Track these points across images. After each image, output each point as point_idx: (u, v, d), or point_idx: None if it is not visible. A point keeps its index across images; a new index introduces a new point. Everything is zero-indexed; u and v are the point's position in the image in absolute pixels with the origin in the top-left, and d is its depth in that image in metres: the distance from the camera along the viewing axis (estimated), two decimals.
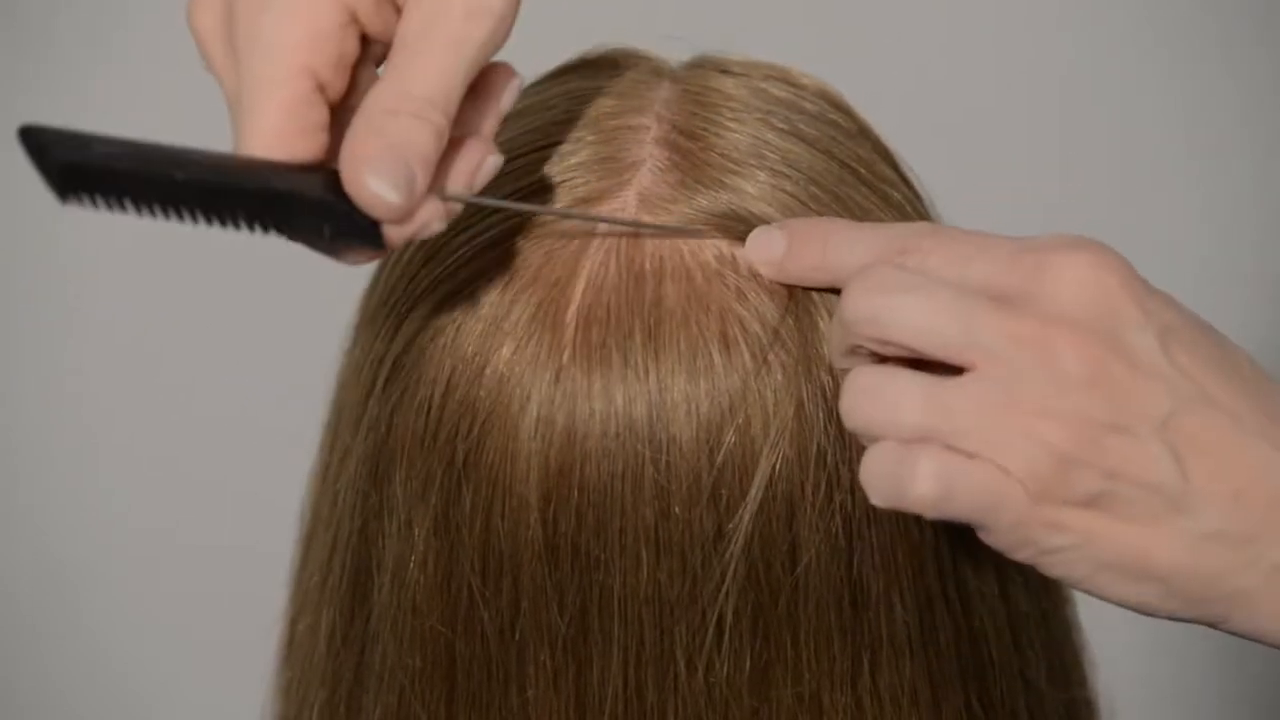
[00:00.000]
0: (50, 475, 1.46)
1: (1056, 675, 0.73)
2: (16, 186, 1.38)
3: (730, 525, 0.65)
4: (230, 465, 1.42)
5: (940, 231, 0.63)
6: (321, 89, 0.63)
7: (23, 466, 1.46)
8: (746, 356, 0.65)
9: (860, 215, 0.68)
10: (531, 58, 0.75)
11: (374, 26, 0.64)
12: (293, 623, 0.76)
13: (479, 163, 0.64)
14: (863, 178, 0.70)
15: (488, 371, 0.66)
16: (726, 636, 0.65)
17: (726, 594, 0.65)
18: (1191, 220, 1.38)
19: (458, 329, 0.67)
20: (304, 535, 0.76)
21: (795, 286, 0.66)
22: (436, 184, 0.63)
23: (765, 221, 0.67)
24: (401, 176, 0.61)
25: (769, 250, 0.65)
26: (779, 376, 0.65)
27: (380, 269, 0.73)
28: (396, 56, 0.62)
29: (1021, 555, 0.61)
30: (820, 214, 0.68)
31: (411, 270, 0.70)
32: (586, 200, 0.68)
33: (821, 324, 0.66)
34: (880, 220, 0.69)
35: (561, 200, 0.68)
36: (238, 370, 1.42)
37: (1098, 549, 0.60)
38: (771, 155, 0.68)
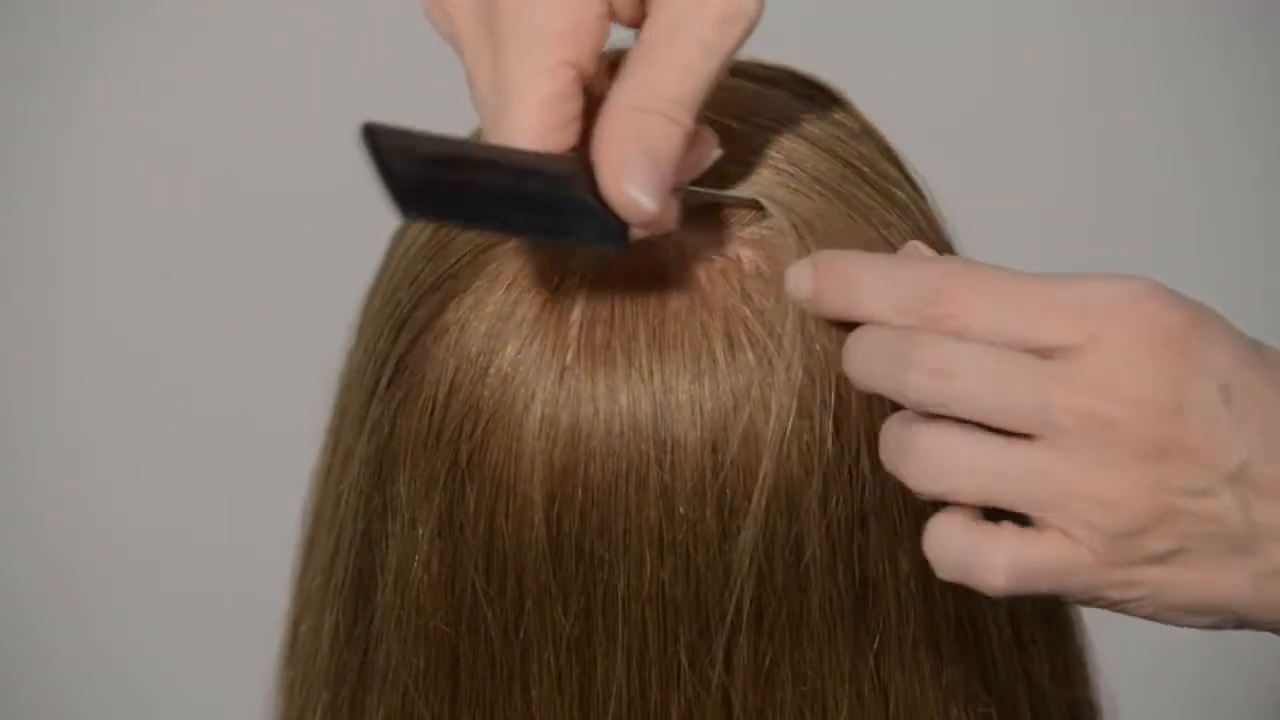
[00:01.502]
0: (50, 476, 1.46)
1: (1059, 674, 0.73)
2: (16, 186, 1.38)
3: (734, 525, 0.65)
4: (231, 466, 1.43)
5: (967, 275, 0.62)
6: (580, 80, 0.63)
7: (23, 467, 1.46)
8: (750, 356, 0.65)
9: (864, 214, 0.68)
10: None
11: (625, 17, 0.64)
12: (295, 623, 0.76)
13: (705, 155, 0.65)
14: (866, 176, 0.70)
15: (492, 371, 0.66)
16: (731, 636, 0.65)
17: (730, 593, 0.65)
18: (1192, 220, 1.38)
19: (461, 328, 0.67)
20: (306, 536, 0.76)
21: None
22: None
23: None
24: (657, 184, 0.62)
25: (798, 291, 0.65)
26: (783, 376, 0.65)
27: (382, 268, 0.73)
28: (646, 51, 0.63)
29: (1084, 602, 0.62)
30: (823, 212, 0.68)
31: (415, 269, 0.70)
32: None
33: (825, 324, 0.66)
34: (884, 219, 0.69)
35: None
36: (238, 371, 1.42)
37: (1167, 597, 0.61)
38: (775, 154, 0.68)
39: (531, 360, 0.65)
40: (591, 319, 0.65)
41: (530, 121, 0.62)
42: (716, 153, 0.66)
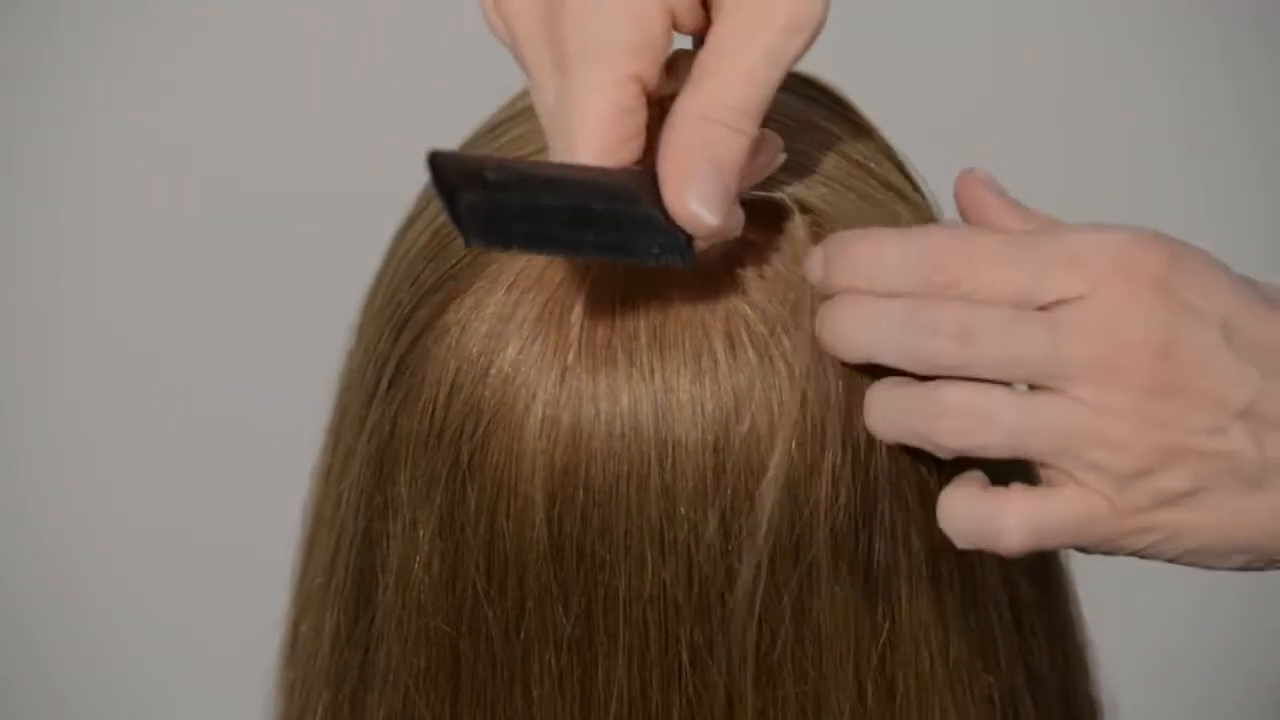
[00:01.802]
0: (50, 476, 1.46)
1: (1059, 666, 0.73)
2: (16, 186, 1.38)
3: (736, 525, 0.65)
4: (231, 466, 1.43)
5: (965, 241, 0.63)
6: (644, 93, 0.63)
7: (23, 467, 1.46)
8: (752, 355, 0.65)
9: (875, 206, 0.69)
10: None
11: (687, 25, 0.64)
12: (295, 623, 0.76)
13: (770, 160, 0.66)
14: (873, 173, 0.70)
15: (492, 372, 0.66)
16: (732, 636, 0.65)
17: (732, 594, 0.65)
18: (1192, 220, 1.38)
19: (462, 329, 0.67)
20: (307, 536, 0.76)
21: (800, 285, 0.66)
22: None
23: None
24: (721, 196, 0.62)
25: (810, 274, 0.65)
26: (784, 375, 0.65)
27: (383, 268, 0.73)
28: (712, 60, 0.63)
29: (1104, 553, 0.63)
30: (834, 203, 0.68)
31: (415, 270, 0.70)
32: None
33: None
34: (894, 212, 0.69)
35: None
36: (238, 371, 1.42)
37: (1185, 540, 0.62)
38: (784, 154, 0.68)
39: (532, 361, 0.65)
40: (592, 319, 0.65)
41: (596, 137, 0.62)
42: (781, 157, 0.66)
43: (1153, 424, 0.61)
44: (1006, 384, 0.63)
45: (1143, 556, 0.63)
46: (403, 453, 0.68)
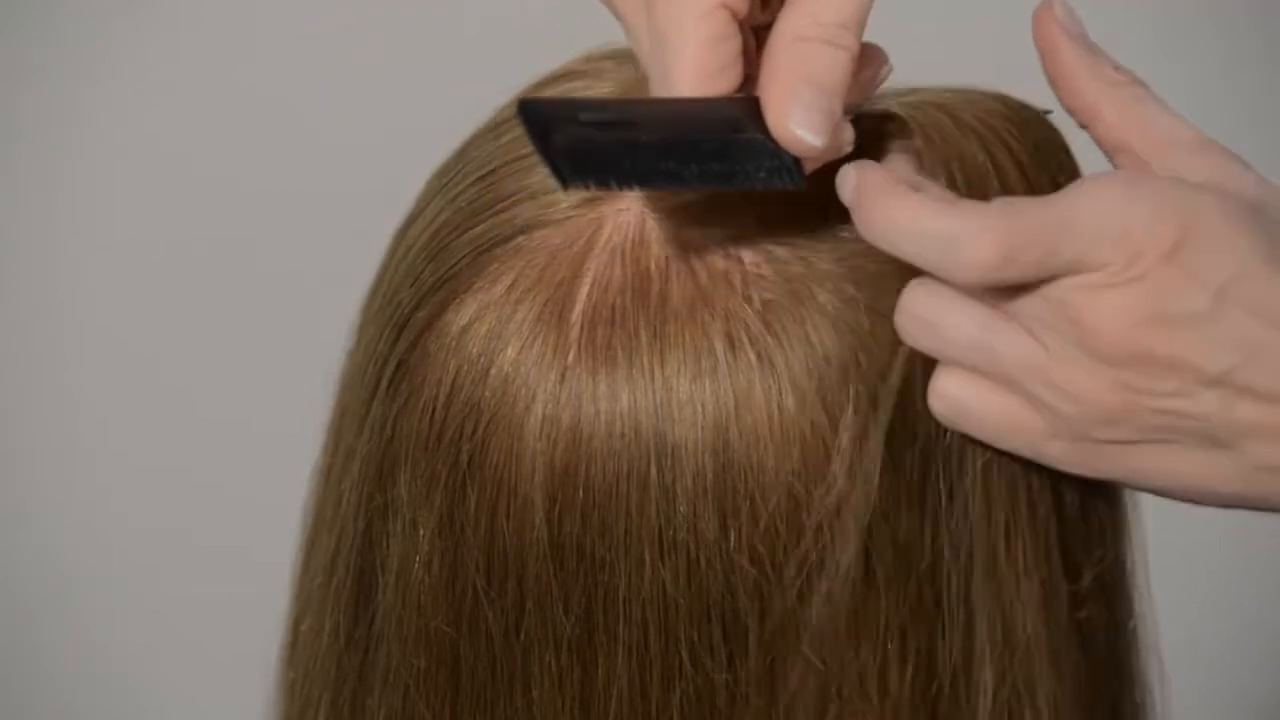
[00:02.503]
0: (50, 476, 1.46)
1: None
2: (16, 186, 1.38)
3: (735, 525, 0.65)
4: (231, 466, 1.42)
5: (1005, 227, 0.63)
6: (736, 19, 0.63)
7: (23, 467, 1.46)
8: (751, 356, 0.65)
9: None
10: (537, 55, 0.75)
11: None
12: (296, 623, 0.76)
13: (878, 72, 0.66)
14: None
15: (492, 372, 0.66)
16: (733, 637, 0.65)
17: (732, 594, 0.65)
18: None
19: (462, 330, 0.67)
20: (307, 536, 0.76)
21: (800, 286, 0.66)
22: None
23: None
24: (824, 119, 0.62)
25: (841, 195, 0.65)
26: (784, 376, 0.65)
27: (383, 268, 0.73)
28: None
29: (1078, 472, 0.64)
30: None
31: (415, 270, 0.70)
32: (592, 200, 0.67)
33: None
34: None
35: (566, 201, 0.68)
36: (238, 371, 1.42)
37: (1158, 478, 0.64)
38: None
39: (532, 361, 0.65)
40: (592, 319, 0.65)
41: (691, 67, 0.63)
42: (888, 68, 0.67)
43: (1110, 384, 0.61)
44: None
45: (1125, 487, 0.66)
46: (403, 453, 0.68)
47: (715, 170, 0.63)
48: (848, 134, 0.64)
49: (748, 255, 0.66)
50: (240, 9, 1.38)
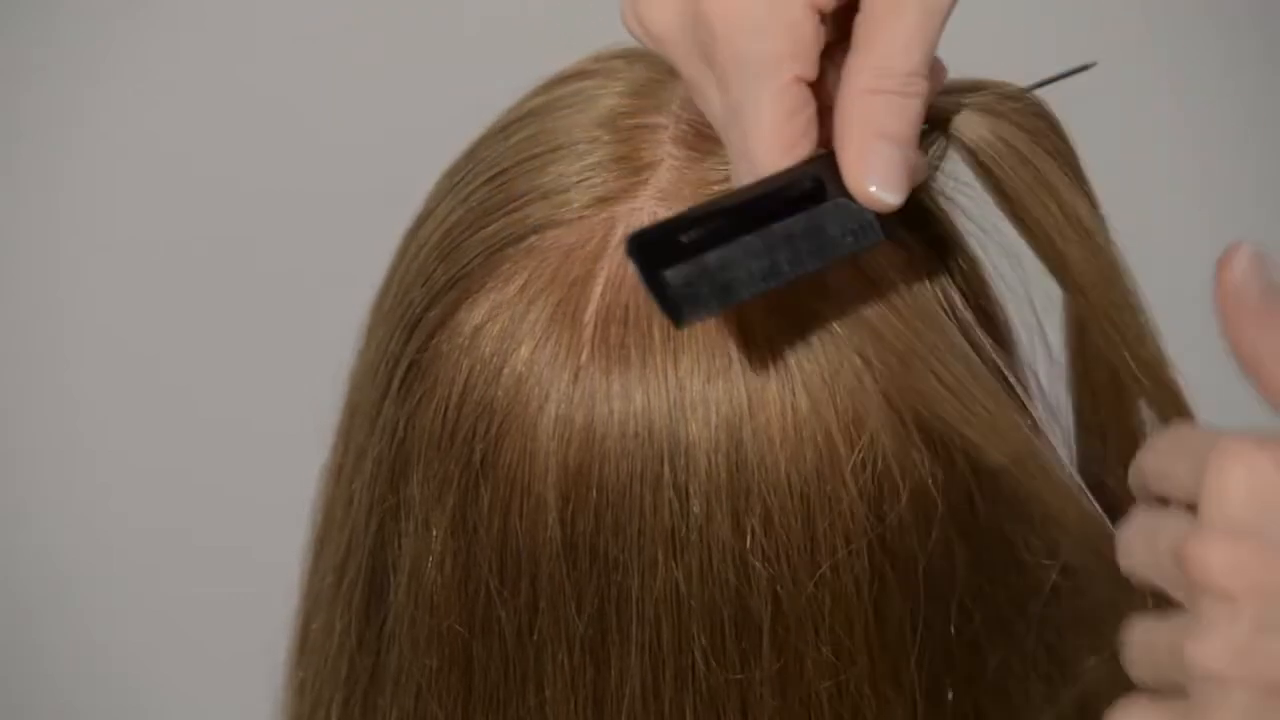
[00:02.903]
0: (50, 476, 1.46)
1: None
2: (16, 186, 1.38)
3: (748, 525, 0.65)
4: (231, 466, 1.42)
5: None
6: (807, 87, 0.63)
7: (23, 467, 1.46)
8: (766, 356, 0.65)
9: None
10: (545, 58, 0.75)
11: (830, 5, 0.64)
12: (306, 623, 0.76)
13: (940, 83, 0.66)
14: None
15: (505, 371, 0.66)
16: (746, 637, 0.65)
17: (744, 594, 0.65)
18: (1191, 221, 1.38)
19: (475, 329, 0.67)
20: (317, 535, 0.76)
21: (795, 290, 0.66)
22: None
23: None
24: (901, 175, 0.62)
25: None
26: (798, 377, 0.65)
27: (393, 268, 0.73)
28: (867, 30, 0.63)
29: None
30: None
31: (427, 269, 0.70)
32: (604, 200, 0.67)
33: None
34: None
35: (579, 201, 0.68)
36: (239, 371, 1.42)
37: None
38: None
39: (546, 361, 0.65)
40: (605, 319, 0.65)
41: (771, 146, 0.63)
42: (944, 75, 0.66)
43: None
44: None
45: None
46: (415, 453, 0.68)
47: (806, 250, 0.63)
48: (920, 170, 0.64)
49: None
50: (240, 9, 1.38)
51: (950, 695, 0.67)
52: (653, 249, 0.61)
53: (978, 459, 0.66)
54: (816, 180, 0.63)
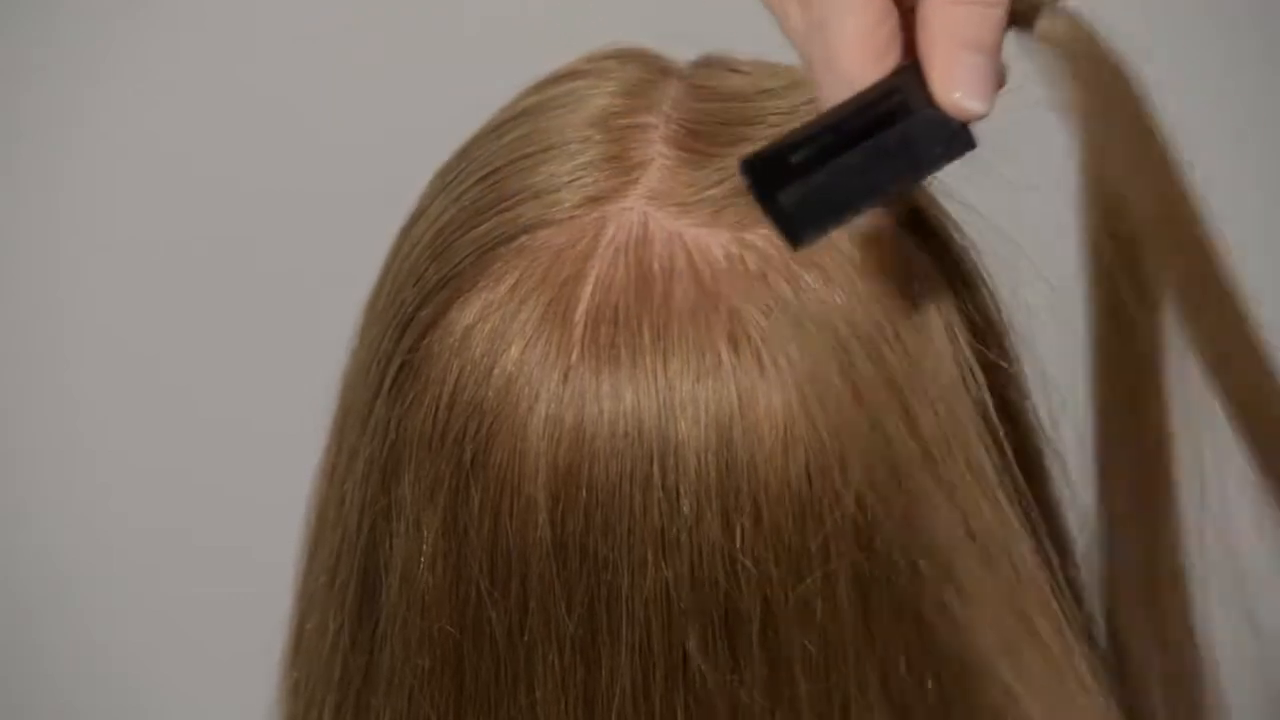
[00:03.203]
0: (50, 476, 1.46)
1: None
2: (16, 186, 1.38)
3: (738, 525, 0.65)
4: (231, 466, 1.42)
5: None
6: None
7: (23, 467, 1.46)
8: (755, 356, 0.65)
9: None
10: (538, 57, 0.75)
11: None
12: (300, 624, 0.76)
13: None
14: None
15: (496, 372, 0.66)
16: (736, 637, 0.65)
17: (735, 594, 0.65)
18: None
19: (466, 329, 0.67)
20: (310, 536, 0.76)
21: (794, 288, 0.66)
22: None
23: None
24: (988, 85, 0.63)
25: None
26: (789, 377, 0.65)
27: (386, 267, 0.73)
28: None
29: None
30: None
31: (419, 269, 0.70)
32: (595, 199, 0.68)
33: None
34: None
35: (570, 200, 0.68)
36: (239, 371, 1.42)
37: None
38: None
39: (536, 361, 0.65)
40: (595, 319, 0.65)
41: (857, 60, 0.64)
42: None
43: None
44: None
45: None
46: (406, 453, 0.68)
47: (903, 164, 0.64)
48: (1003, 74, 0.65)
49: (751, 254, 0.66)
50: (240, 9, 1.38)
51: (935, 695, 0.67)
52: (766, 172, 0.62)
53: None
54: (902, 94, 0.64)
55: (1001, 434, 0.68)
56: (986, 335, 0.70)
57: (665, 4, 1.13)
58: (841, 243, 0.67)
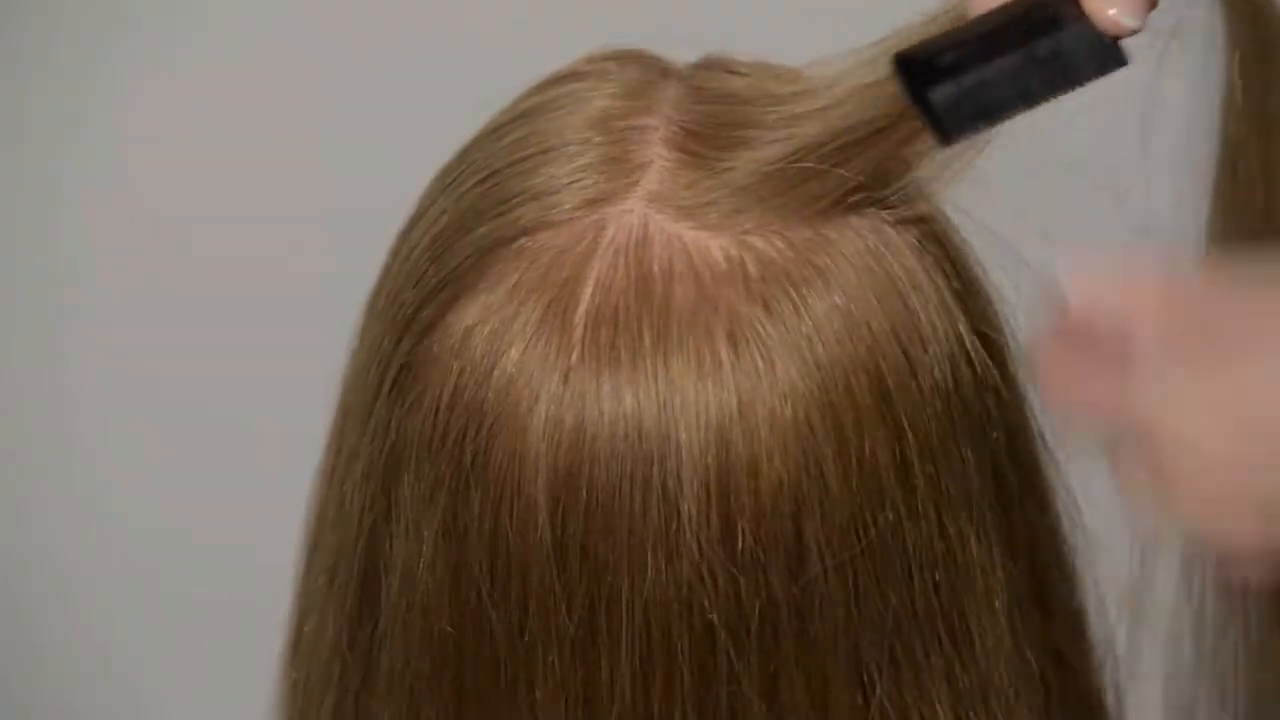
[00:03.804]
0: (50, 476, 1.46)
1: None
2: (17, 186, 1.38)
3: (738, 527, 0.65)
4: (231, 466, 1.42)
5: None
6: None
7: (23, 467, 1.46)
8: (755, 356, 0.65)
9: None
10: (538, 58, 0.75)
11: None
12: (299, 624, 0.76)
13: None
14: None
15: (496, 373, 0.66)
16: (735, 640, 0.65)
17: (734, 597, 0.65)
18: (1189, 221, 1.38)
19: (466, 331, 0.67)
20: (310, 536, 0.76)
21: (794, 290, 0.66)
22: None
23: None
24: (1142, 1, 0.63)
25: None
26: (788, 380, 0.65)
27: (386, 269, 0.73)
28: None
29: None
30: None
31: (419, 270, 0.70)
32: (595, 201, 0.67)
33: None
34: None
35: (570, 202, 0.68)
36: (239, 371, 1.42)
37: None
38: None
39: (536, 362, 0.65)
40: (595, 320, 0.65)
41: None
42: None
43: None
44: None
45: None
46: (406, 455, 0.68)
47: (1055, 74, 0.64)
48: None
49: (751, 256, 0.66)
50: (240, 9, 1.38)
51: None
52: (918, 69, 0.63)
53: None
54: (1053, 6, 0.64)
55: (995, 437, 0.68)
56: (988, 341, 0.70)
57: (665, 4, 1.13)
58: (842, 243, 0.67)
